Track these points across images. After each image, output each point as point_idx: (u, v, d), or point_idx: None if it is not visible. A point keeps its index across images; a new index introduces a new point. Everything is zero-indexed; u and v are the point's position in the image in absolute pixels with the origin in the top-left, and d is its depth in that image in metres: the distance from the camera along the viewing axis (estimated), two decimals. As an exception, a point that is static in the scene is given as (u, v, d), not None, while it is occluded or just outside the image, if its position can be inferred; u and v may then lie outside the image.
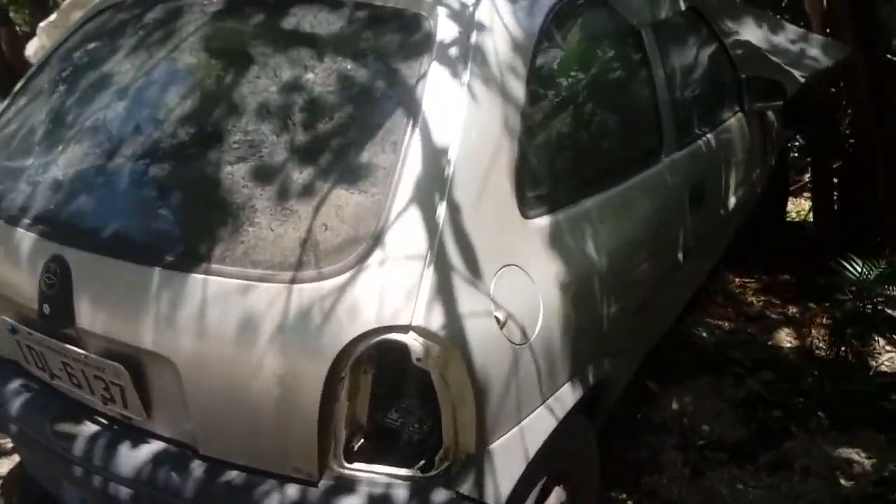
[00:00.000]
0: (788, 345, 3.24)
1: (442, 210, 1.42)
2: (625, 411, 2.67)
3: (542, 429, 1.59)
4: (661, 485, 2.43)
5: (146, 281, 1.48)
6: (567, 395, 1.67)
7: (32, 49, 2.41)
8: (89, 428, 1.65)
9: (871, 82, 3.51)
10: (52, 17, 2.36)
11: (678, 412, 2.78)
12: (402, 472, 1.40)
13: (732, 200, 3.01)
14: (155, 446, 1.56)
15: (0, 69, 7.54)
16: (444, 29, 1.60)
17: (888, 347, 3.20)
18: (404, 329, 1.34)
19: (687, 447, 2.60)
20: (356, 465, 1.41)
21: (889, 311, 3.15)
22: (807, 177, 5.01)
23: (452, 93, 1.53)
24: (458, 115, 1.51)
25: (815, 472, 2.49)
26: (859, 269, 2.91)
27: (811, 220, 4.37)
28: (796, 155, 4.81)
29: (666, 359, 2.95)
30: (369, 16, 1.67)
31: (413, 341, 1.34)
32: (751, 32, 3.36)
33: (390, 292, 1.36)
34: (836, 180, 4.11)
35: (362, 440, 1.42)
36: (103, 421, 1.66)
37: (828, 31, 3.69)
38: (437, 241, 1.40)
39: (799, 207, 4.76)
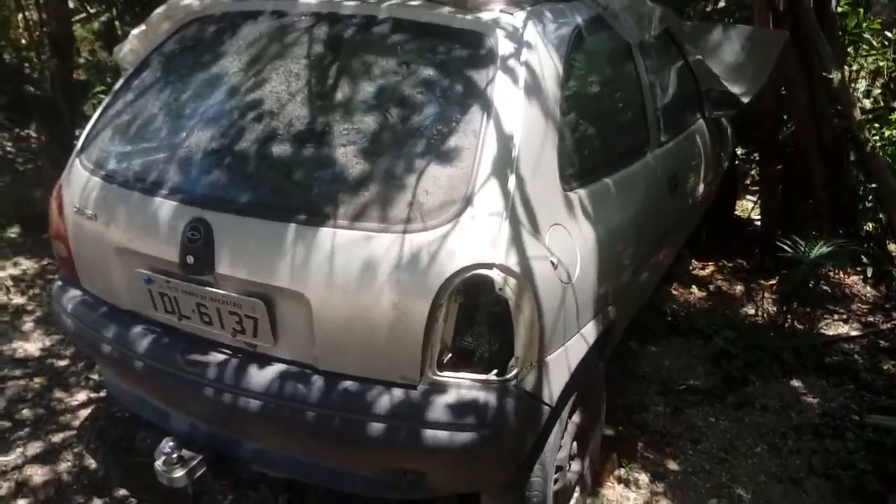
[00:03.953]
0: (745, 313, 3.81)
1: (512, 181, 1.88)
2: (613, 367, 3.16)
3: (578, 351, 2.07)
4: (649, 420, 2.95)
5: (284, 234, 1.88)
6: (593, 328, 2.16)
7: (122, 52, 2.65)
8: (216, 356, 2.04)
9: (807, 94, 4.08)
10: (143, 26, 2.64)
11: (658, 367, 3.30)
12: (483, 377, 1.85)
13: (696, 192, 3.55)
14: (279, 367, 1.97)
15: None
16: (503, 45, 2.06)
17: (826, 316, 3.80)
18: (490, 266, 1.80)
19: (667, 392, 3.12)
20: (446, 373, 1.85)
21: (825, 287, 3.75)
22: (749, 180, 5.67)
23: (513, 93, 1.99)
24: (519, 110, 1.97)
25: (772, 408, 3.05)
26: (802, 249, 3.48)
27: (755, 216, 4.97)
28: (745, 162, 5.40)
29: (643, 325, 3.47)
30: (447, 34, 2.12)
31: (497, 275, 1.79)
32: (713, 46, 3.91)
33: (479, 240, 1.81)
34: (779, 179, 4.70)
35: (450, 354, 1.86)
36: (227, 350, 2.05)
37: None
38: (510, 203, 1.86)
39: (743, 207, 5.36)
